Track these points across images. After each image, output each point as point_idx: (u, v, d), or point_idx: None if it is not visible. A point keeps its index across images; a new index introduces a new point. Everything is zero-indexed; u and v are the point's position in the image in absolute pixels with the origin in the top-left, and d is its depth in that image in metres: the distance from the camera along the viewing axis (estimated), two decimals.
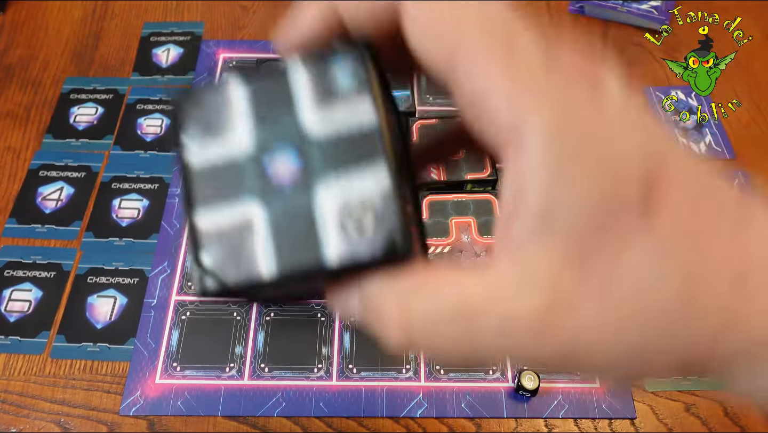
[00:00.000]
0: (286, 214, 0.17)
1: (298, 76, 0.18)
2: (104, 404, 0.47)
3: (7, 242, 0.55)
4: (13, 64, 0.66)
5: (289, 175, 0.17)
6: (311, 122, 0.17)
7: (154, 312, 0.51)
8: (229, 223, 0.17)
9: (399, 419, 0.47)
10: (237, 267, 0.17)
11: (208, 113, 0.18)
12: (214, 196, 0.17)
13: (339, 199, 0.17)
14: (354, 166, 0.17)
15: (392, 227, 0.16)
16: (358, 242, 0.16)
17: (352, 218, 0.16)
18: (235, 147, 0.18)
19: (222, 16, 0.71)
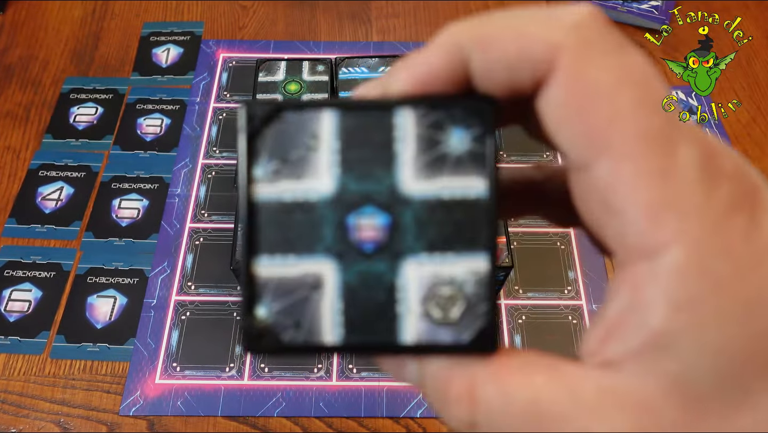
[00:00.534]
0: (363, 281, 0.15)
1: (405, 123, 0.15)
2: (104, 404, 0.47)
3: (7, 242, 0.55)
4: (13, 64, 0.66)
5: (373, 239, 0.15)
6: (410, 182, 0.15)
7: (153, 312, 0.51)
8: (296, 278, 0.15)
9: (399, 419, 0.47)
10: (296, 327, 0.15)
11: (288, 144, 0.16)
12: (283, 244, 0.15)
13: (427, 279, 0.15)
14: (451, 246, 0.15)
15: (483, 321, 0.15)
16: (440, 328, 0.15)
17: (439, 301, 0.15)
18: (314, 193, 0.15)
19: (222, 16, 0.71)
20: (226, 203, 0.57)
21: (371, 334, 0.15)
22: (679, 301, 0.12)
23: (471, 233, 0.15)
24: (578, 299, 0.52)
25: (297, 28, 0.70)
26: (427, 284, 0.15)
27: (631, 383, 0.13)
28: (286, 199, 0.16)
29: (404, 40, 0.69)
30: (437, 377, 0.15)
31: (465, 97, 0.15)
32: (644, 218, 0.13)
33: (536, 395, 0.14)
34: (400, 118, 0.15)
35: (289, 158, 0.16)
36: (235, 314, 0.51)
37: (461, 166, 0.15)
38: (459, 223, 0.15)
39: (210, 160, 0.59)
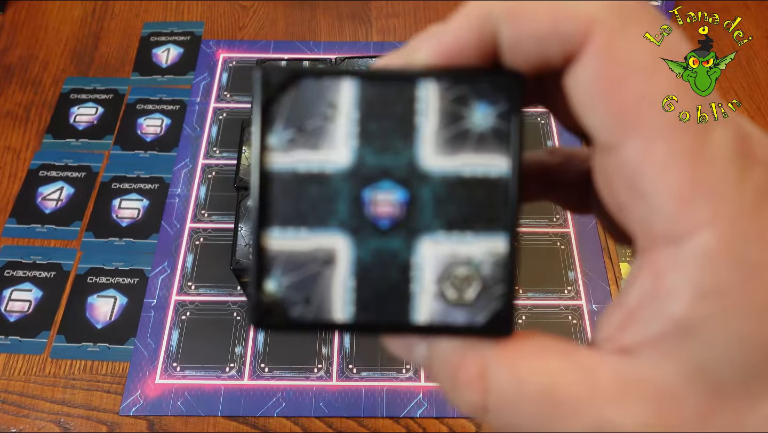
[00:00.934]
0: (377, 258, 0.15)
1: (428, 96, 0.15)
2: (104, 404, 0.47)
3: (7, 242, 0.55)
4: (13, 64, 0.66)
5: (390, 215, 0.15)
6: (430, 157, 0.15)
7: (154, 312, 0.51)
8: (307, 252, 0.15)
9: (399, 419, 0.47)
10: (305, 303, 0.15)
11: (305, 112, 0.15)
12: (295, 216, 0.15)
13: (444, 258, 0.15)
14: (470, 224, 0.15)
15: (500, 303, 0.14)
16: (454, 309, 0.14)
17: (455, 281, 0.15)
18: (330, 165, 0.15)
19: (222, 16, 0.71)
20: (226, 203, 0.57)
21: (383, 313, 0.15)
22: (705, 288, 0.12)
23: (491, 212, 0.15)
24: (578, 299, 0.52)
25: (297, 28, 0.70)
26: (443, 264, 0.15)
27: (651, 371, 0.13)
28: (301, 170, 0.15)
29: (404, 40, 0.69)
30: (447, 359, 0.15)
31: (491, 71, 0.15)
32: (673, 201, 0.12)
33: (552, 380, 0.13)
34: (423, 90, 0.15)
35: (305, 127, 0.15)
36: (235, 314, 0.51)
37: (484, 144, 0.15)
38: (479, 202, 0.15)
39: (210, 160, 0.59)
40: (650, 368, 0.13)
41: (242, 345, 0.49)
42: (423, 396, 0.47)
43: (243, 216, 0.47)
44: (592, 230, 0.56)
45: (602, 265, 0.54)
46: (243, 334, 0.50)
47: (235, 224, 0.46)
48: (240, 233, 0.46)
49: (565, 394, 0.13)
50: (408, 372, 0.48)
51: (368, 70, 0.15)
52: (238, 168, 0.49)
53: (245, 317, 0.21)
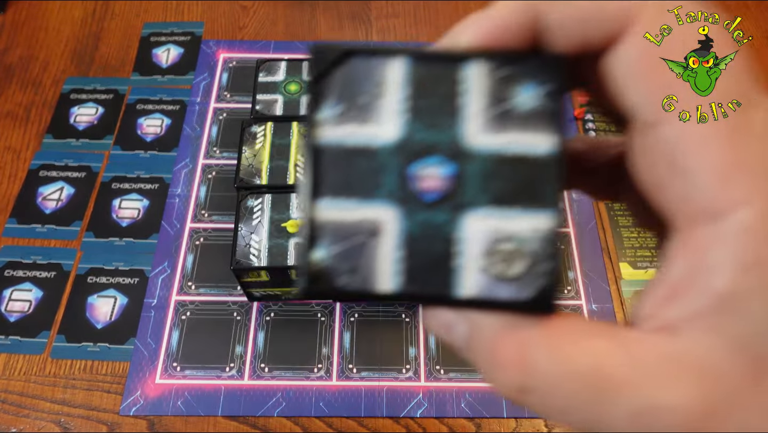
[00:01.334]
0: (423, 230, 0.15)
1: (475, 76, 0.15)
2: (104, 404, 0.47)
3: (7, 242, 0.55)
4: (13, 64, 0.66)
5: (436, 189, 0.15)
6: (476, 135, 0.15)
7: (154, 312, 0.51)
8: (355, 222, 0.15)
9: (399, 419, 0.47)
10: (351, 272, 0.15)
11: (355, 89, 0.16)
12: (344, 187, 0.15)
13: (489, 232, 0.15)
14: (516, 201, 0.15)
15: (545, 279, 0.14)
16: (499, 283, 0.15)
17: (500, 256, 0.15)
18: (378, 139, 0.15)
19: (222, 16, 0.71)
20: (226, 203, 0.57)
21: (427, 284, 0.15)
22: (746, 262, 0.12)
23: (536, 190, 0.15)
24: (578, 299, 0.52)
25: (297, 28, 0.70)
26: (489, 239, 0.15)
27: (695, 347, 0.13)
28: (350, 144, 0.15)
29: (404, 40, 0.69)
30: (486, 339, 0.14)
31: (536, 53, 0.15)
32: (713, 178, 0.12)
33: (597, 361, 0.13)
34: (470, 70, 0.15)
35: (355, 103, 0.16)
36: (235, 314, 0.51)
37: (530, 122, 0.15)
38: (525, 179, 0.15)
39: (210, 161, 0.59)
40: (694, 344, 0.13)
41: (242, 345, 0.49)
42: (423, 396, 0.47)
43: (243, 216, 0.47)
44: (592, 230, 0.56)
45: (602, 265, 0.54)
46: (243, 334, 0.50)
47: (235, 224, 0.46)
48: (240, 233, 0.46)
49: (611, 375, 0.13)
50: (408, 372, 0.48)
51: (418, 50, 0.15)
52: (238, 168, 0.49)
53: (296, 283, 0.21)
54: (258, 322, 0.51)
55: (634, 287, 0.53)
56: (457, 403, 0.47)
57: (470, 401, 0.47)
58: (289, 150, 0.50)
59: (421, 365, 0.49)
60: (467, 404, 0.47)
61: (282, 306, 0.51)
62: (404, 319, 0.51)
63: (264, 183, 0.48)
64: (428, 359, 0.49)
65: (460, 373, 0.48)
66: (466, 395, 0.47)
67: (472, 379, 0.48)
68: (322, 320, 0.51)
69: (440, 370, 0.48)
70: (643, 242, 0.55)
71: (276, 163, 0.49)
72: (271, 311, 0.51)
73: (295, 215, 0.47)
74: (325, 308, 0.51)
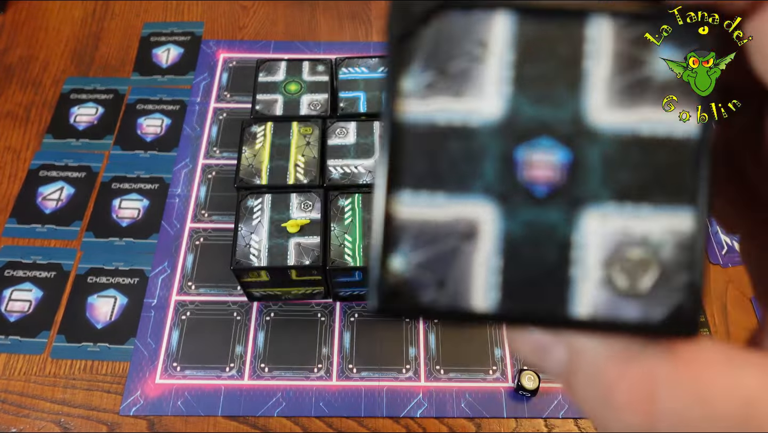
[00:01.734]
0: (531, 233, 0.12)
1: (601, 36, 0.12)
2: (104, 404, 0.47)
3: (7, 242, 0.55)
4: (13, 64, 0.66)
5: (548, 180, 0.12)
6: (600, 111, 0.12)
7: (154, 312, 0.51)
8: (444, 222, 0.12)
9: (399, 419, 0.47)
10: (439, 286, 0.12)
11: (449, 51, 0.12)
12: (431, 178, 0.12)
13: (614, 236, 0.12)
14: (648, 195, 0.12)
15: (683, 295, 0.12)
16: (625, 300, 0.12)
17: (627, 265, 0.12)
18: (477, 116, 0.12)
19: (222, 16, 0.71)
20: (226, 203, 0.57)
21: (534, 301, 0.12)
22: None
23: (675, 181, 0.12)
24: None
25: (297, 29, 0.70)
26: (613, 243, 0.12)
27: None
28: (440, 122, 0.12)
29: None
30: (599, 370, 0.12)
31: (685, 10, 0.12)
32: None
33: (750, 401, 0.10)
34: (595, 28, 0.12)
35: (448, 70, 0.12)
36: (235, 314, 0.51)
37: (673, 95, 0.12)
38: (660, 167, 0.12)
39: (210, 161, 0.59)
40: None
41: (242, 345, 0.49)
42: (423, 396, 0.47)
43: (243, 216, 0.47)
44: None
45: None
46: (243, 334, 0.50)
47: (236, 224, 0.46)
48: (240, 233, 0.46)
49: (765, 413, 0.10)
50: (408, 372, 0.48)
51: (529, 2, 0.12)
52: (238, 168, 0.49)
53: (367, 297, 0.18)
54: (258, 322, 0.51)
55: None
56: (457, 403, 0.47)
57: (470, 401, 0.47)
58: (289, 150, 0.50)
59: (421, 365, 0.49)
60: (467, 404, 0.47)
61: (282, 306, 0.51)
62: (404, 319, 0.51)
63: (264, 183, 0.48)
64: (428, 359, 0.49)
65: (460, 373, 0.48)
66: (466, 395, 0.47)
67: (472, 379, 0.48)
68: (322, 320, 0.51)
69: (440, 370, 0.48)
70: None
71: (276, 163, 0.49)
72: (271, 311, 0.51)
73: (294, 215, 0.47)
74: (325, 308, 0.51)
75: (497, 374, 0.48)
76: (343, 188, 0.48)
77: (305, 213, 0.47)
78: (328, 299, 0.51)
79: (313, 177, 0.49)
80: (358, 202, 0.47)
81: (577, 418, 0.47)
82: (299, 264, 0.44)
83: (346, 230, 0.46)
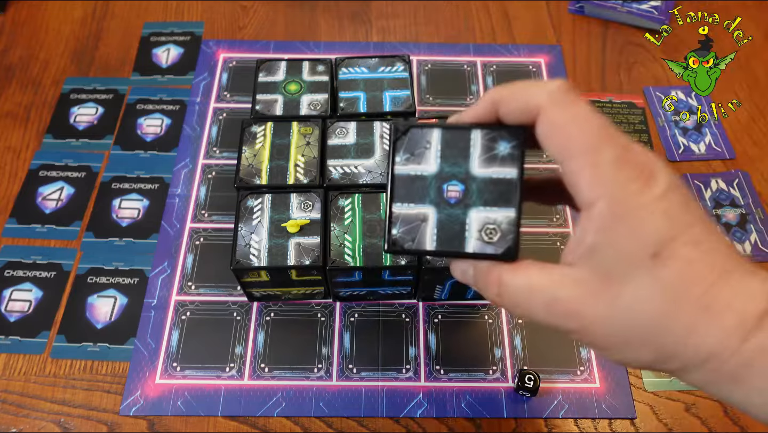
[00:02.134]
0: (448, 218, 0.28)
1: (476, 137, 0.28)
2: (104, 404, 0.47)
3: (7, 242, 0.55)
4: (13, 64, 0.66)
5: (455, 197, 0.28)
6: (476, 168, 0.28)
7: (154, 312, 0.51)
8: (413, 214, 0.29)
9: (399, 419, 0.47)
10: (412, 240, 0.29)
11: (414, 145, 0.29)
12: (407, 196, 0.29)
13: (482, 219, 0.28)
14: (496, 202, 0.28)
15: (511, 242, 0.28)
16: (487, 245, 0.28)
17: (487, 230, 0.28)
18: (426, 172, 0.29)
19: (222, 16, 0.71)
20: (226, 203, 0.57)
21: (451, 246, 0.28)
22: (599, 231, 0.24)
23: (508, 196, 0.28)
24: None
25: (297, 28, 0.70)
26: (482, 221, 0.28)
27: (576, 271, 0.25)
28: (411, 174, 0.29)
29: (404, 41, 0.69)
30: (483, 273, 0.28)
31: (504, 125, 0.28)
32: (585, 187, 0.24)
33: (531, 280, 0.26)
34: (474, 134, 0.29)
35: (414, 153, 0.29)
36: (235, 314, 0.51)
37: (504, 161, 0.28)
38: (501, 191, 0.28)
39: (210, 161, 0.59)
40: (576, 270, 0.25)
41: (242, 345, 0.49)
42: (423, 396, 0.47)
43: (243, 216, 0.47)
44: None
45: None
46: (243, 334, 0.50)
47: (235, 224, 0.46)
48: (240, 233, 0.46)
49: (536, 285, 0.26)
50: (408, 372, 0.48)
51: (447, 124, 0.29)
52: (238, 168, 0.49)
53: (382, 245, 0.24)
54: (258, 322, 0.51)
55: None
56: (457, 403, 0.47)
57: (470, 401, 0.47)
58: (289, 150, 0.50)
59: (421, 365, 0.49)
60: (467, 404, 0.47)
61: (282, 306, 0.51)
62: (404, 319, 0.51)
63: (264, 183, 0.48)
64: (428, 359, 0.49)
65: (460, 373, 0.48)
66: (466, 395, 0.47)
67: (472, 379, 0.48)
68: (322, 320, 0.51)
69: (440, 370, 0.48)
70: None
71: (276, 163, 0.49)
72: (271, 311, 0.51)
73: (294, 215, 0.47)
74: (325, 308, 0.51)
75: (497, 374, 0.48)
76: (343, 188, 0.48)
77: (305, 213, 0.47)
78: (328, 299, 0.51)
79: (313, 177, 0.49)
80: (358, 202, 0.47)
81: (577, 418, 0.47)
82: (299, 264, 0.44)
83: (346, 230, 0.46)
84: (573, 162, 0.24)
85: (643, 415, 0.47)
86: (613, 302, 0.24)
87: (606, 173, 0.24)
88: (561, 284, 0.25)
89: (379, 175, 0.49)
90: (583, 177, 0.24)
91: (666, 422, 0.47)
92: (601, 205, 0.24)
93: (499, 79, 0.66)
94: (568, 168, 0.25)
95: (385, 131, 0.51)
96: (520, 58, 0.68)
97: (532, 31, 0.70)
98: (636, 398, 0.48)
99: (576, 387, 0.48)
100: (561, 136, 0.25)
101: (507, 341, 0.50)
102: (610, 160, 0.24)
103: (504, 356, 0.49)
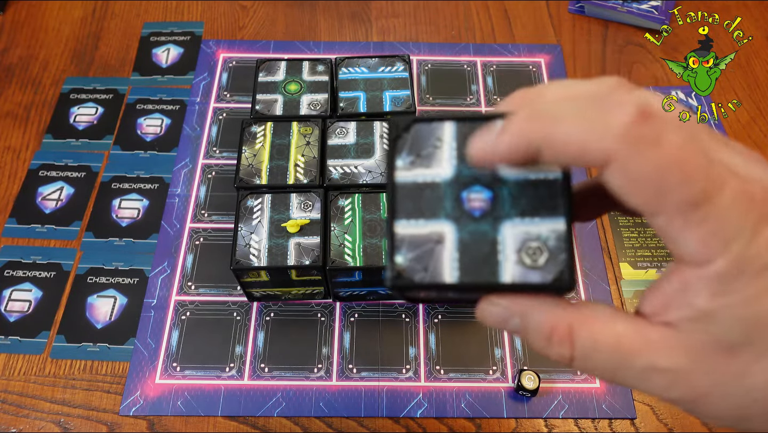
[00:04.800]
0: (473, 237, 0.21)
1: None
2: (104, 404, 0.47)
3: (7, 242, 0.55)
4: (13, 64, 0.66)
5: (480, 207, 0.21)
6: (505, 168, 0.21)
7: (154, 312, 0.51)
8: (424, 235, 0.21)
9: (399, 419, 0.47)
10: (425, 270, 0.21)
11: (420, 143, 0.22)
12: (415, 210, 0.21)
13: (520, 235, 0.20)
14: (538, 212, 0.21)
15: (563, 266, 0.20)
16: (530, 271, 0.20)
17: (529, 251, 0.20)
18: (439, 177, 0.22)
19: (222, 16, 0.71)
20: (226, 203, 0.57)
21: (480, 276, 0.20)
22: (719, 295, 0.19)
23: (552, 203, 0.21)
24: (579, 299, 0.52)
25: (297, 28, 0.70)
26: (520, 239, 0.20)
27: (686, 337, 0.20)
28: (419, 181, 0.22)
29: (404, 41, 0.69)
30: (541, 325, 0.21)
31: None
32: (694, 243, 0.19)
33: (620, 339, 0.20)
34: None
35: (421, 153, 0.22)
36: (235, 314, 0.51)
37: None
38: (542, 197, 0.21)
39: (210, 160, 0.59)
40: (686, 335, 0.20)
41: (242, 345, 0.49)
42: (423, 396, 0.47)
43: (243, 216, 0.47)
44: (592, 230, 0.56)
45: (602, 265, 0.54)
46: (243, 334, 0.50)
47: (235, 224, 0.46)
48: (240, 233, 0.46)
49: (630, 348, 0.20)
50: (408, 372, 0.48)
51: (462, 114, 0.22)
52: (238, 168, 0.49)
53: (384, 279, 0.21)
54: (258, 322, 0.51)
55: (634, 287, 0.53)
56: (457, 403, 0.47)
57: (470, 401, 0.47)
58: (288, 150, 0.50)
59: (421, 365, 0.49)
60: (467, 404, 0.47)
61: (282, 306, 0.51)
62: (404, 319, 0.51)
63: (264, 183, 0.48)
64: (428, 359, 0.49)
65: (460, 373, 0.48)
66: (466, 395, 0.47)
67: (472, 379, 0.48)
68: (322, 320, 0.51)
69: (440, 370, 0.48)
70: (644, 242, 0.55)
71: (276, 163, 0.49)
72: (271, 311, 0.51)
73: (294, 215, 0.47)
74: (325, 308, 0.51)
75: (497, 374, 0.48)
76: (343, 188, 0.48)
77: (305, 213, 0.47)
78: (328, 299, 0.51)
79: (313, 177, 0.49)
80: (358, 202, 0.47)
81: (577, 418, 0.47)
82: (299, 264, 0.44)
83: (346, 230, 0.46)
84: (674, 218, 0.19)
85: (643, 415, 0.47)
86: (738, 380, 0.20)
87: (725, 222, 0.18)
88: (663, 349, 0.20)
89: (379, 175, 0.49)
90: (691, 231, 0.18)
91: (666, 422, 0.47)
92: (722, 264, 0.18)
93: (499, 79, 0.66)
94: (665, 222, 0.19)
95: (385, 131, 0.51)
96: (520, 58, 0.68)
97: (532, 31, 0.70)
98: (636, 398, 0.48)
99: (576, 387, 0.48)
100: (649, 191, 0.18)
101: (507, 341, 0.50)
102: (728, 205, 0.18)
103: (504, 356, 0.49)
